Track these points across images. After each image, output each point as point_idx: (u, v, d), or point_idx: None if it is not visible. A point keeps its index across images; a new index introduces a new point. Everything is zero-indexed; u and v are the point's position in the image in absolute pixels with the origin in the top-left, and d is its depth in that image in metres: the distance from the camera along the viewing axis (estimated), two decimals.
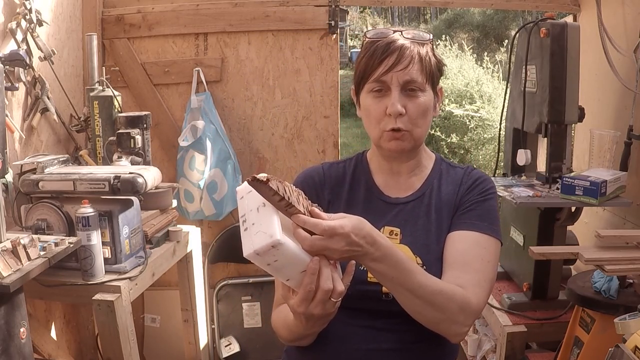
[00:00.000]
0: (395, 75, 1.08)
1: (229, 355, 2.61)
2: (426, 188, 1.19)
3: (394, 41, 1.10)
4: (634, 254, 1.51)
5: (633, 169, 1.99)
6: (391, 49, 1.09)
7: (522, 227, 2.00)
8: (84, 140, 2.34)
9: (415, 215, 1.16)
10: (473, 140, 5.61)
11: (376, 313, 1.11)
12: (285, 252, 0.86)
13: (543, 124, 1.91)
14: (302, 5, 2.51)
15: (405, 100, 1.10)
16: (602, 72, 2.20)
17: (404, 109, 1.09)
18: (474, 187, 1.17)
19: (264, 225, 0.86)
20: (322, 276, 0.89)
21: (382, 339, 1.10)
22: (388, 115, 1.10)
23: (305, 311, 0.91)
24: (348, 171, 1.24)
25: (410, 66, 1.09)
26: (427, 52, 1.12)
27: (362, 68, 1.13)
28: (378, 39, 1.11)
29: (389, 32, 1.12)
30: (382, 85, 1.10)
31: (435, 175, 1.21)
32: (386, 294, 1.09)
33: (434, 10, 16.33)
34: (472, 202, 1.15)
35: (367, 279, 1.10)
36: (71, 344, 2.34)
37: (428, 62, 1.12)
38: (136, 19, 2.53)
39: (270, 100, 2.60)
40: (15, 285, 1.32)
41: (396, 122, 1.10)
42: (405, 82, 1.09)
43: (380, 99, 1.11)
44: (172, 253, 2.07)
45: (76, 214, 1.61)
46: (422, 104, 1.11)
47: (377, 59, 1.09)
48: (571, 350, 1.63)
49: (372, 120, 1.13)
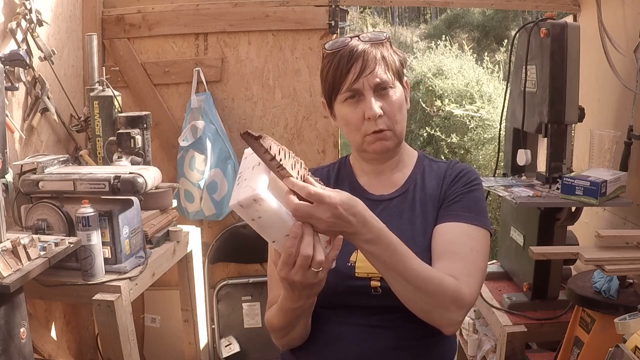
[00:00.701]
0: (366, 80, 1.11)
1: (229, 355, 2.61)
2: (410, 184, 1.21)
3: (355, 47, 1.12)
4: (634, 254, 1.51)
5: (633, 169, 1.99)
6: (355, 56, 1.11)
7: (522, 227, 2.00)
8: (84, 140, 2.34)
9: (400, 210, 1.18)
10: (473, 140, 5.60)
11: (369, 309, 1.11)
12: (268, 210, 0.87)
13: (543, 124, 1.91)
14: (302, 5, 2.51)
15: (380, 101, 1.12)
16: (602, 72, 2.20)
17: (381, 110, 1.12)
18: (458, 179, 1.19)
19: (252, 181, 0.88)
20: (303, 241, 0.89)
21: (377, 336, 1.10)
22: (367, 120, 1.12)
23: (286, 276, 0.92)
24: (332, 174, 1.27)
25: (377, 68, 1.11)
26: (388, 50, 1.15)
27: (330, 80, 1.15)
28: (339, 49, 1.13)
29: (347, 40, 1.15)
30: (355, 93, 1.12)
31: (418, 171, 1.23)
32: (375, 288, 1.10)
33: (434, 10, 16.33)
34: (458, 194, 1.16)
35: (354, 274, 1.11)
36: (71, 344, 2.34)
37: (391, 59, 1.15)
38: (136, 19, 2.53)
39: (270, 100, 2.60)
40: (15, 285, 1.32)
41: (377, 123, 1.12)
42: (376, 84, 1.12)
43: (356, 106, 1.13)
44: (172, 253, 2.07)
45: (76, 214, 1.61)
46: (396, 100, 1.14)
47: (343, 69, 1.12)
48: (571, 350, 1.63)
49: (351, 127, 1.15)
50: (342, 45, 1.14)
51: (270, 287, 1.20)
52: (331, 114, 1.21)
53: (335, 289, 1.10)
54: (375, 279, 1.10)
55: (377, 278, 1.10)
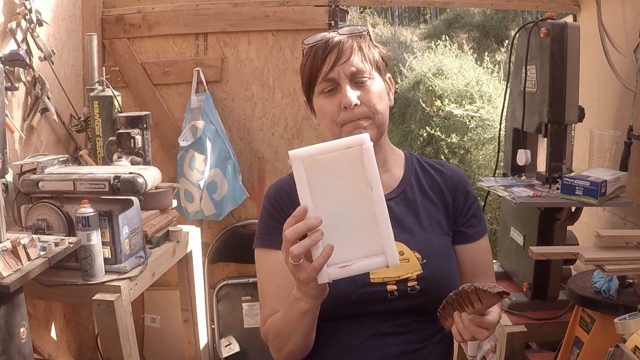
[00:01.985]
0: (341, 69, 1.08)
1: (229, 355, 2.61)
2: (405, 184, 1.19)
3: (331, 39, 1.10)
4: (634, 254, 1.50)
5: (633, 169, 1.99)
6: (330, 46, 1.09)
7: (522, 227, 2.00)
8: (84, 140, 2.34)
9: (401, 213, 1.15)
10: (473, 140, 5.61)
11: (384, 314, 1.09)
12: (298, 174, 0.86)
13: (543, 124, 1.91)
14: (302, 5, 2.51)
15: (357, 91, 1.09)
16: (602, 72, 2.20)
17: (358, 100, 1.08)
18: (462, 188, 1.20)
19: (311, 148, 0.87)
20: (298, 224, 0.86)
21: (389, 343, 1.09)
22: (344, 109, 1.08)
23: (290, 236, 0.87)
24: None
25: (352, 57, 1.08)
26: (366, 42, 1.13)
27: (307, 73, 1.12)
28: (315, 43, 1.12)
29: (325, 34, 1.13)
30: (332, 83, 1.09)
31: (410, 171, 1.21)
32: (391, 292, 1.08)
33: (434, 10, 16.32)
34: (466, 209, 1.19)
35: (369, 281, 1.08)
36: (71, 344, 2.34)
37: (368, 50, 1.12)
38: (136, 19, 2.53)
39: (270, 100, 2.60)
40: (15, 285, 1.32)
41: (354, 113, 1.08)
42: (352, 73, 1.08)
43: (332, 97, 1.10)
44: (172, 253, 2.07)
45: (76, 214, 1.61)
46: (375, 90, 1.10)
47: (319, 59, 1.09)
48: (571, 350, 1.63)
49: (327, 119, 1.11)
50: (319, 39, 1.12)
51: (264, 303, 1.14)
52: (311, 110, 1.18)
53: (349, 298, 1.07)
54: (391, 283, 1.08)
55: (392, 282, 1.08)
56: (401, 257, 1.09)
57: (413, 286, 1.08)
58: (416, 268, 1.09)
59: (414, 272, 1.09)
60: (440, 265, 1.10)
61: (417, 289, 1.08)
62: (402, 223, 1.14)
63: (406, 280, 1.08)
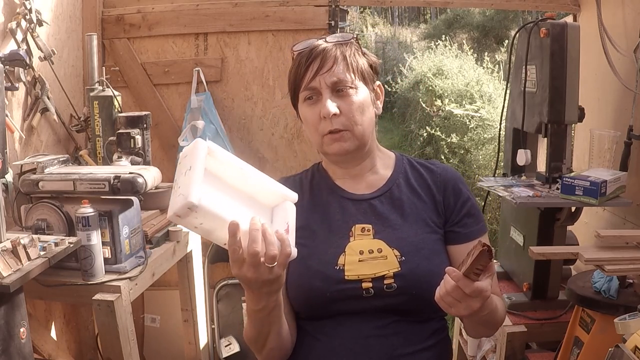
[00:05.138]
0: (322, 79, 1.09)
1: (229, 355, 2.61)
2: (392, 183, 1.19)
3: (317, 46, 1.11)
4: (634, 254, 1.50)
5: (633, 169, 1.99)
6: (314, 55, 1.10)
7: (522, 227, 2.00)
8: (84, 140, 2.34)
9: (385, 211, 1.15)
10: (473, 140, 5.60)
11: (361, 316, 1.08)
12: (207, 215, 0.85)
13: (543, 124, 1.91)
14: (302, 5, 2.51)
15: (338, 101, 1.09)
16: (602, 72, 2.20)
17: (338, 110, 1.08)
18: (452, 190, 1.18)
19: (185, 188, 0.86)
20: (250, 237, 0.88)
21: (370, 348, 1.07)
22: (323, 119, 1.09)
23: (238, 273, 0.91)
24: (305, 181, 1.24)
25: (334, 67, 1.09)
26: (353, 50, 1.13)
27: (292, 80, 1.15)
28: (302, 50, 1.12)
29: (313, 41, 1.13)
30: (314, 92, 1.10)
31: (399, 170, 1.21)
32: (367, 289, 1.07)
33: (434, 10, 16.33)
34: (458, 208, 1.17)
35: (344, 278, 1.08)
36: (71, 344, 2.34)
37: (354, 59, 1.12)
38: (136, 19, 2.53)
39: (270, 100, 2.60)
40: (15, 285, 1.32)
41: (332, 123, 1.09)
42: (333, 83, 1.09)
43: (314, 105, 1.11)
44: (172, 253, 2.07)
45: (76, 214, 1.61)
46: (356, 101, 1.10)
47: (302, 67, 1.11)
48: (571, 350, 1.63)
49: (310, 127, 1.13)
50: (305, 46, 1.13)
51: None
52: (298, 116, 1.19)
53: (324, 295, 1.07)
54: (367, 280, 1.07)
55: (368, 279, 1.07)
56: (379, 255, 1.09)
57: (390, 284, 1.07)
58: (393, 265, 1.08)
59: (390, 270, 1.08)
60: (421, 263, 1.09)
61: (393, 287, 1.07)
62: (386, 220, 1.14)
63: (382, 278, 1.07)
